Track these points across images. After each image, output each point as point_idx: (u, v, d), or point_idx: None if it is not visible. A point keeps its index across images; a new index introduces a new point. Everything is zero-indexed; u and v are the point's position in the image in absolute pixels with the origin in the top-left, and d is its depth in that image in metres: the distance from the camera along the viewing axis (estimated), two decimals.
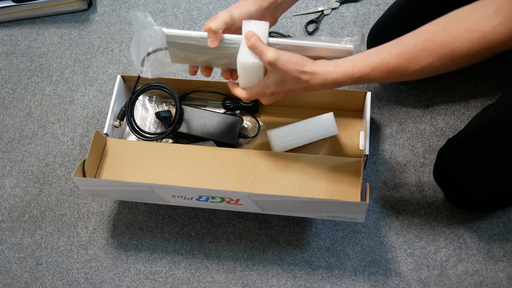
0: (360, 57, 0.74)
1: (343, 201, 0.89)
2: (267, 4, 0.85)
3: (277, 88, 0.80)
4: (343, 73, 0.75)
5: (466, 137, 0.96)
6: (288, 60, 0.76)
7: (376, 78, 0.73)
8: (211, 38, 0.81)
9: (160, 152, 1.00)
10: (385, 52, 0.72)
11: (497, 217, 1.04)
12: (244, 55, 0.80)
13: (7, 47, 1.34)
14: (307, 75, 0.76)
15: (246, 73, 0.81)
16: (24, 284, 1.08)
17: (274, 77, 0.78)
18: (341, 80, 0.75)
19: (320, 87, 0.77)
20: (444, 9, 1.02)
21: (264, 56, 0.77)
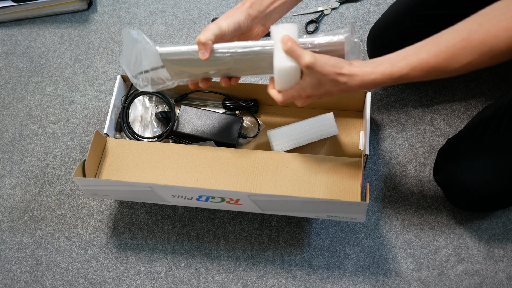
0: (398, 57, 0.74)
1: (343, 201, 0.89)
2: (256, 13, 0.86)
3: (313, 90, 0.80)
4: (382, 74, 0.75)
5: (466, 137, 0.96)
6: (325, 62, 0.76)
7: (416, 77, 0.74)
8: (201, 50, 0.82)
9: (160, 152, 1.00)
10: (423, 52, 0.73)
11: (497, 217, 1.04)
12: (280, 59, 0.80)
13: (7, 47, 1.34)
14: (345, 77, 0.76)
15: (283, 77, 0.81)
16: (24, 284, 1.08)
17: (311, 80, 0.78)
18: (380, 81, 0.75)
19: (357, 89, 0.77)
20: (444, 9, 1.02)
21: (301, 59, 0.77)
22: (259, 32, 0.89)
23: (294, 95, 0.82)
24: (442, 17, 1.01)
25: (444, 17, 1.01)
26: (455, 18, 1.02)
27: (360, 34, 1.25)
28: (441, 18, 1.01)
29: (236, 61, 0.85)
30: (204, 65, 0.86)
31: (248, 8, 0.85)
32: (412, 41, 1.04)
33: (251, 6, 0.85)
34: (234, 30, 0.84)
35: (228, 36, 0.84)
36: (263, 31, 0.89)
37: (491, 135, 0.91)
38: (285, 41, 0.79)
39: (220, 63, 0.85)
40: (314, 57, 0.76)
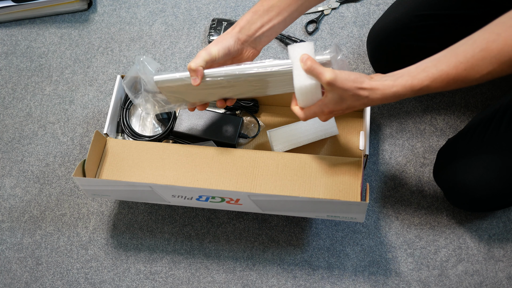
0: (417, 69, 0.75)
1: (343, 201, 0.89)
2: (245, 37, 0.87)
3: (335, 106, 0.81)
4: (403, 86, 0.75)
5: (466, 137, 0.96)
6: (346, 78, 0.77)
7: (437, 88, 0.75)
8: (193, 77, 0.85)
9: (160, 152, 1.00)
10: (442, 63, 0.73)
11: (497, 217, 1.04)
12: (300, 78, 0.81)
13: (7, 47, 1.34)
14: (366, 91, 0.77)
15: (305, 95, 0.82)
16: (24, 284, 1.08)
17: (333, 96, 0.79)
18: (401, 93, 0.76)
19: (379, 102, 0.78)
20: (444, 9, 1.02)
21: (322, 77, 0.78)
22: (250, 55, 0.91)
23: (316, 112, 0.83)
24: (442, 17, 1.01)
25: (444, 17, 1.01)
26: (456, 18, 1.02)
27: (360, 34, 1.25)
28: (441, 18, 1.01)
29: (229, 84, 0.87)
30: (198, 90, 0.88)
31: (238, 33, 0.87)
32: (412, 41, 1.04)
33: (240, 31, 0.87)
34: (224, 55, 0.86)
35: (219, 61, 0.86)
36: (254, 54, 0.91)
37: (491, 135, 0.91)
38: (305, 60, 0.80)
39: (214, 87, 0.88)
40: (335, 73, 0.77)
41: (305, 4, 0.89)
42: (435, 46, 1.02)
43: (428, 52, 1.01)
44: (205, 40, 1.29)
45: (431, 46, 1.02)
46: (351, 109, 0.82)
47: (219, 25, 1.28)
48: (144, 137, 1.09)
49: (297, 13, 0.89)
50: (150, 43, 1.30)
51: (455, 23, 1.01)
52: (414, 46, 1.03)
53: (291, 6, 0.88)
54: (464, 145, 0.95)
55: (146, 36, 1.31)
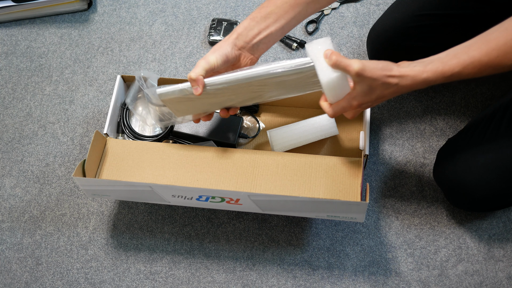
0: (448, 56, 0.75)
1: (343, 201, 0.89)
2: (242, 43, 0.88)
3: (364, 98, 0.79)
4: (434, 72, 0.75)
5: (466, 137, 0.96)
6: (374, 67, 0.76)
7: (468, 75, 0.74)
8: (194, 87, 0.85)
9: (160, 152, 1.00)
10: (474, 50, 0.73)
11: (497, 217, 1.04)
12: (325, 73, 0.80)
13: (7, 47, 1.34)
14: (396, 78, 0.76)
15: (333, 89, 0.81)
16: (24, 284, 1.08)
17: (362, 87, 0.78)
18: (432, 79, 0.75)
19: (409, 89, 0.77)
20: (445, 9, 1.02)
21: (350, 68, 0.76)
22: (248, 62, 0.91)
23: (345, 106, 0.82)
24: (442, 17, 1.01)
25: (444, 17, 1.01)
26: (456, 18, 1.02)
27: (360, 34, 1.25)
28: (441, 18, 1.01)
29: (232, 91, 0.87)
30: (201, 100, 0.89)
31: (235, 39, 0.87)
32: (412, 41, 1.04)
33: (238, 37, 0.87)
34: (223, 62, 0.86)
35: (218, 68, 0.87)
36: (252, 61, 0.91)
37: (492, 135, 0.91)
38: (329, 55, 0.79)
39: (216, 96, 0.88)
40: (362, 63, 0.76)
41: (303, 12, 0.89)
42: (435, 46, 1.02)
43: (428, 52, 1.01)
44: (205, 40, 1.29)
45: (431, 46, 1.02)
46: (381, 99, 0.80)
47: (219, 25, 1.28)
48: (144, 137, 1.09)
49: (295, 21, 0.89)
50: (150, 43, 1.30)
51: (455, 23, 1.01)
52: (414, 46, 1.03)
53: (289, 13, 0.87)
54: (464, 145, 0.95)
55: (146, 36, 1.31)
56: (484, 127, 0.93)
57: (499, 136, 0.90)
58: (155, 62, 1.28)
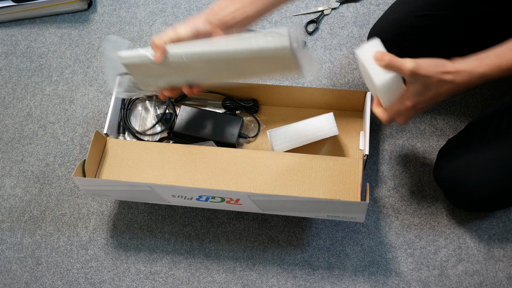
0: (504, 50, 0.73)
1: (343, 201, 0.89)
2: (215, 21, 0.85)
3: (419, 97, 0.77)
4: (490, 66, 0.73)
5: (466, 137, 0.96)
6: (428, 64, 0.74)
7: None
8: (156, 53, 0.83)
9: (160, 152, 1.00)
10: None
11: (497, 217, 1.04)
12: (379, 76, 0.77)
13: (7, 47, 1.34)
14: (451, 74, 0.74)
15: (388, 93, 0.79)
16: (24, 284, 1.08)
17: (416, 87, 0.76)
18: (488, 74, 0.73)
19: (465, 86, 0.75)
20: (445, 10, 1.02)
21: (404, 67, 0.75)
22: None
23: (399, 109, 0.79)
24: (442, 17, 1.01)
25: (444, 17, 1.01)
26: (456, 18, 1.02)
27: (360, 34, 1.25)
28: (441, 18, 1.01)
29: (195, 65, 0.84)
30: (164, 70, 0.86)
31: (207, 15, 0.85)
32: (412, 41, 1.04)
33: (211, 13, 0.85)
34: (192, 35, 0.84)
35: (185, 40, 0.84)
36: None
37: (492, 135, 0.91)
38: (381, 57, 0.77)
39: (179, 68, 0.85)
40: (416, 61, 0.74)
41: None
42: (435, 46, 1.03)
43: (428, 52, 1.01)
44: None
45: (431, 46, 1.03)
46: (437, 98, 0.77)
47: None
48: (147, 136, 1.09)
49: (271, 5, 0.86)
50: (150, 43, 1.30)
51: (456, 23, 1.01)
52: (415, 46, 1.03)
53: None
54: (464, 145, 0.95)
55: (146, 36, 1.31)
56: (484, 127, 0.93)
57: (499, 136, 0.90)
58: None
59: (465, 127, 1.00)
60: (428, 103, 0.79)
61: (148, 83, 0.92)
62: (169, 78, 0.90)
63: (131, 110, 1.13)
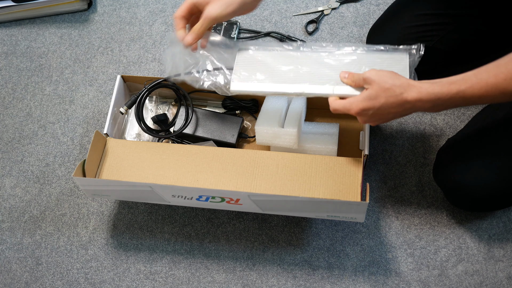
0: (457, 77, 0.75)
1: (343, 201, 0.89)
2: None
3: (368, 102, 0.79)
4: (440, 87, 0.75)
5: (466, 137, 0.96)
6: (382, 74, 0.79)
7: (473, 96, 0.74)
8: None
9: (160, 152, 1.00)
10: (483, 72, 0.74)
11: (497, 217, 1.04)
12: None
13: (7, 47, 1.34)
14: (401, 88, 0.77)
15: None
16: (24, 284, 1.08)
17: (367, 92, 0.80)
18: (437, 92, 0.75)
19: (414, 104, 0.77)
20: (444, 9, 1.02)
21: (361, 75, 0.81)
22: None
23: (345, 104, 0.82)
24: (442, 17, 1.01)
25: (444, 17, 1.01)
26: (455, 18, 1.02)
27: (360, 34, 1.25)
28: (441, 18, 1.01)
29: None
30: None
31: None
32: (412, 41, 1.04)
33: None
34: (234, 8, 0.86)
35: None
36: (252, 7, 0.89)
37: (491, 135, 0.91)
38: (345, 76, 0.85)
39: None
40: (372, 70, 0.79)
41: None
42: (435, 46, 1.03)
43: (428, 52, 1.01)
44: None
45: (431, 46, 1.03)
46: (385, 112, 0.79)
47: (219, 25, 1.28)
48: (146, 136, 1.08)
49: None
50: (150, 43, 1.30)
51: (455, 23, 1.01)
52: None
53: None
54: (464, 145, 0.95)
55: (146, 36, 1.31)
56: (484, 127, 0.93)
57: (499, 136, 0.90)
58: (155, 62, 1.28)
59: (464, 127, 1.00)
60: (376, 111, 0.80)
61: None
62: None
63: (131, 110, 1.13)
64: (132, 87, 1.13)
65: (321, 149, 1.00)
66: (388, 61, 0.88)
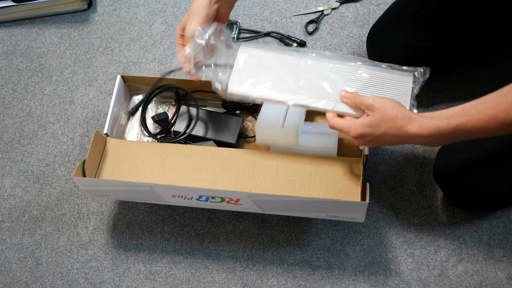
0: (456, 109, 0.75)
1: (343, 201, 0.89)
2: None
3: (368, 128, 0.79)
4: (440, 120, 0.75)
5: None
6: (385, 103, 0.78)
7: (472, 128, 0.74)
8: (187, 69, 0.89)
9: (160, 152, 1.00)
10: (482, 104, 0.74)
11: (497, 217, 1.04)
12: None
13: (7, 47, 1.34)
14: (403, 120, 0.77)
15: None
16: (24, 284, 1.08)
17: (370, 118, 0.79)
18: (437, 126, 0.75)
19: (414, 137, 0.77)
20: (444, 9, 1.02)
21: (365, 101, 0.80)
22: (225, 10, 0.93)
23: (344, 125, 0.82)
24: (442, 17, 1.01)
25: (444, 17, 1.01)
26: (455, 18, 1.02)
27: (360, 34, 1.25)
28: (441, 18, 1.01)
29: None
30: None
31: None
32: (412, 41, 1.04)
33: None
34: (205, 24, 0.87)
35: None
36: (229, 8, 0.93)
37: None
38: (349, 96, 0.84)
39: None
40: (376, 97, 0.79)
41: None
42: (434, 46, 1.03)
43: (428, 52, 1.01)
44: None
45: (431, 46, 1.03)
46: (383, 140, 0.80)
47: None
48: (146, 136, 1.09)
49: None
50: (150, 43, 1.30)
51: (455, 22, 1.01)
52: (414, 46, 1.03)
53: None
54: (464, 145, 0.95)
55: (146, 36, 1.31)
56: None
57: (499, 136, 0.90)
58: (155, 62, 1.28)
59: None
60: (375, 139, 0.80)
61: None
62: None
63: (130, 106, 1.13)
64: (132, 87, 1.13)
65: (321, 149, 1.00)
66: (391, 84, 0.86)
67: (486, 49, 1.07)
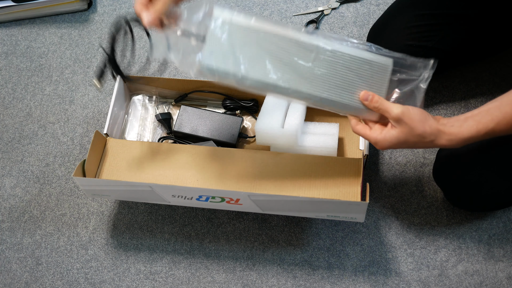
0: (481, 113, 0.75)
1: (343, 201, 0.89)
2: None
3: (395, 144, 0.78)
4: (469, 132, 0.75)
5: None
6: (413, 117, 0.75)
7: (501, 131, 0.74)
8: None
9: (160, 152, 1.00)
10: (506, 105, 0.73)
11: (497, 217, 1.04)
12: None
13: (7, 47, 1.34)
14: (433, 135, 0.76)
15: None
16: (24, 284, 1.08)
17: (397, 133, 0.77)
18: (467, 138, 0.75)
19: (443, 147, 0.77)
20: (444, 9, 1.02)
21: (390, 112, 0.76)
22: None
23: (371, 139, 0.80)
24: (442, 17, 1.01)
25: (444, 17, 1.01)
26: (455, 18, 1.02)
27: (360, 34, 1.25)
28: (441, 18, 1.01)
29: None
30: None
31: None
32: (412, 41, 1.04)
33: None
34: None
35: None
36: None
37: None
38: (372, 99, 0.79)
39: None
40: (403, 108, 0.75)
41: None
42: (434, 46, 1.03)
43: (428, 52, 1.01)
44: None
45: (431, 46, 1.03)
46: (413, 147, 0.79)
47: None
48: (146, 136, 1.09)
49: None
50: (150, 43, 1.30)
51: (455, 22, 1.01)
52: (414, 46, 1.03)
53: None
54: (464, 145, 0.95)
55: (146, 36, 1.31)
56: None
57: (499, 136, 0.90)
58: (155, 62, 1.28)
59: None
60: (403, 147, 0.80)
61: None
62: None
63: (132, 110, 1.13)
64: (132, 87, 1.14)
65: (321, 149, 1.00)
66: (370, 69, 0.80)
67: (486, 49, 1.07)
